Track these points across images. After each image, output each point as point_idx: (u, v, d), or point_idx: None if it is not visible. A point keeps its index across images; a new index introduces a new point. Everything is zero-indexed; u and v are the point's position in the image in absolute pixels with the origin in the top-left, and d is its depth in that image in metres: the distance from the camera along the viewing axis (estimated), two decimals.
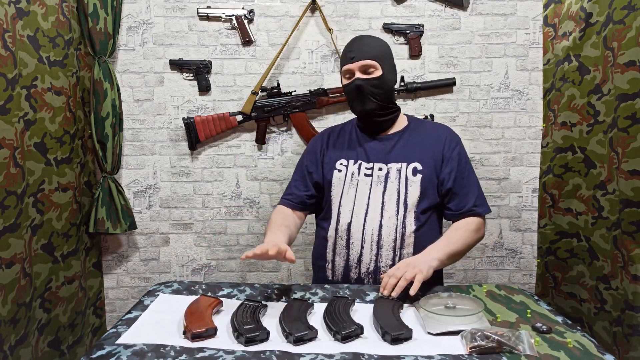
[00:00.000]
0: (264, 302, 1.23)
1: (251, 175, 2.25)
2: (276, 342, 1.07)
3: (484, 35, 2.18)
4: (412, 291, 1.22)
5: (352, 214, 1.50)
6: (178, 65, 2.17)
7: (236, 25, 2.14)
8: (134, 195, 2.25)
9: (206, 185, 2.25)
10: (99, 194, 2.06)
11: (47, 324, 1.76)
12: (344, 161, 1.57)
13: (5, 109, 1.52)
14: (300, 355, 1.00)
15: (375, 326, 1.13)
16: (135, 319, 1.19)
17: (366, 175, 1.52)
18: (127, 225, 2.12)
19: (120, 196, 2.11)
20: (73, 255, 1.96)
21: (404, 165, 1.51)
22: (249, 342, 1.05)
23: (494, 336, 1.02)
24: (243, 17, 2.14)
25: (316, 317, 1.19)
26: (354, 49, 1.51)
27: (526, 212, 2.26)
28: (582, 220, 1.91)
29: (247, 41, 2.16)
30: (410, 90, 2.15)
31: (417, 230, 1.47)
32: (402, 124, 1.60)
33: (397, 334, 1.06)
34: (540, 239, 2.21)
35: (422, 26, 2.15)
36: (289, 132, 2.23)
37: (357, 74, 1.49)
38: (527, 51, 2.18)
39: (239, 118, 2.18)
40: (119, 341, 1.07)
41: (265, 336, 1.07)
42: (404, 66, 2.18)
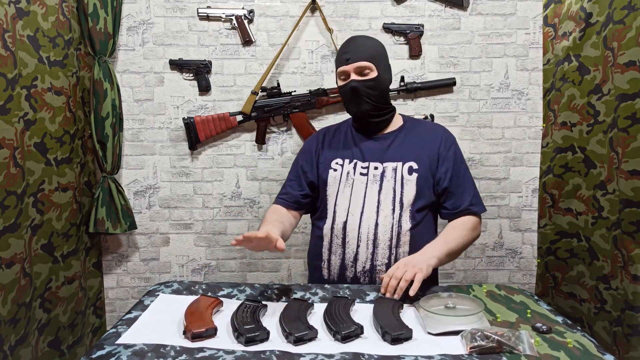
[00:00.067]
0: (264, 302, 1.23)
1: (251, 175, 2.25)
2: (276, 342, 1.07)
3: (484, 35, 2.18)
4: (412, 291, 1.23)
5: (347, 213, 1.50)
6: (178, 65, 2.17)
7: (236, 25, 2.14)
8: (134, 195, 2.25)
9: (206, 185, 2.25)
10: (99, 194, 2.06)
11: (47, 324, 1.76)
12: (339, 160, 1.57)
13: (5, 109, 1.52)
14: (300, 355, 1.00)
15: (375, 326, 1.13)
16: (135, 319, 1.19)
17: (362, 174, 1.52)
18: (127, 225, 2.12)
19: (120, 196, 2.11)
20: (73, 255, 1.96)
21: (400, 164, 1.51)
22: (249, 342, 1.05)
23: (494, 336, 1.02)
24: (243, 17, 2.14)
25: (316, 317, 1.19)
26: (349, 50, 1.50)
27: (526, 212, 2.26)
28: (582, 220, 1.91)
29: (247, 41, 2.16)
30: (410, 90, 2.15)
31: (412, 229, 1.47)
32: (397, 123, 1.60)
33: (397, 334, 1.06)
34: (540, 239, 2.21)
35: (422, 26, 2.15)
36: (289, 132, 2.23)
37: (352, 76, 1.49)
38: (527, 51, 2.18)
39: (239, 118, 2.18)
40: (119, 341, 1.07)
41: (265, 336, 1.07)
42: (404, 66, 2.18)
